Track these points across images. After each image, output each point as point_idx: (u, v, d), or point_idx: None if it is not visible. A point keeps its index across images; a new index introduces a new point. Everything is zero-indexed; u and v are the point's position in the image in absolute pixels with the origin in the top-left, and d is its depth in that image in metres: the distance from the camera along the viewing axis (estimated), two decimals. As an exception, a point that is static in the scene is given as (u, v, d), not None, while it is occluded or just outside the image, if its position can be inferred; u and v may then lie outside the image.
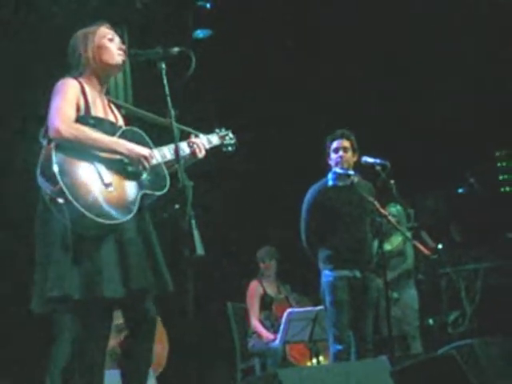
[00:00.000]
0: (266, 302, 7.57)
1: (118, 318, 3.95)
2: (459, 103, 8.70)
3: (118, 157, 3.79)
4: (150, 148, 3.93)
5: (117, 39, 4.04)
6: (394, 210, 7.27)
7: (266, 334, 7.29)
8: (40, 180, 3.62)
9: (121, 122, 4.06)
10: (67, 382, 5.51)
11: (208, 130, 4.39)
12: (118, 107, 4.16)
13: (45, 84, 3.99)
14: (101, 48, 3.97)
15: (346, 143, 6.08)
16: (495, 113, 8.68)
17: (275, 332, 7.16)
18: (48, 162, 3.58)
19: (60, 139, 3.63)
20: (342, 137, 6.10)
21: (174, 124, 3.70)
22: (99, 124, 3.83)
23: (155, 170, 3.90)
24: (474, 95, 8.69)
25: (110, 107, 4.06)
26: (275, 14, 8.10)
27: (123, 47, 4.03)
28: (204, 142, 4.21)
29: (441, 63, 8.58)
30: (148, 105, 4.45)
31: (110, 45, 3.99)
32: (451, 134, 8.72)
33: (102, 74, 3.99)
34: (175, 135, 3.71)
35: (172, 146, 3.89)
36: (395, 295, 7.45)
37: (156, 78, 3.79)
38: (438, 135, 8.77)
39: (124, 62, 4.01)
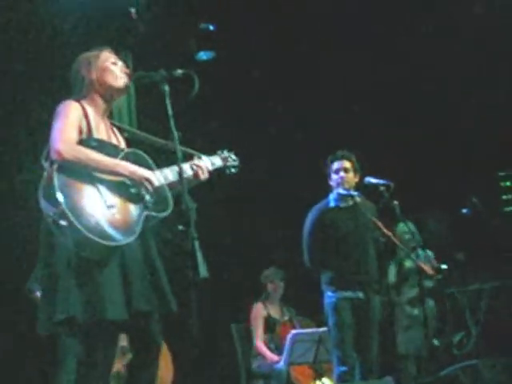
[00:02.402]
0: (270, 324, 7.55)
1: (123, 340, 3.95)
2: (462, 123, 8.71)
3: (120, 179, 3.80)
4: (153, 170, 3.94)
5: (120, 63, 4.06)
6: (410, 226, 7.24)
7: (271, 356, 7.27)
8: (42, 202, 3.62)
9: (123, 144, 4.07)
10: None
11: (211, 152, 4.40)
12: (121, 130, 4.17)
13: (46, 108, 4.01)
14: (104, 70, 3.98)
15: (347, 164, 6.09)
16: (498, 133, 8.69)
17: (279, 354, 7.14)
18: (50, 184, 3.58)
19: (62, 161, 3.64)
20: (342, 158, 6.11)
21: (177, 146, 3.71)
22: (102, 146, 3.83)
23: (158, 191, 3.90)
24: (477, 115, 8.70)
25: (113, 130, 4.07)
26: (279, 35, 8.13)
27: (127, 70, 4.05)
28: (207, 163, 4.22)
29: (444, 83, 8.60)
30: (152, 127, 4.47)
31: (114, 68, 4.01)
32: (454, 154, 8.73)
33: (105, 96, 4.00)
34: (179, 157, 3.72)
35: (174, 168, 3.90)
36: (415, 312, 7.45)
37: (160, 100, 3.80)
38: (441, 156, 8.78)
39: (127, 85, 4.03)
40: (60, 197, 3.53)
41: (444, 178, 8.73)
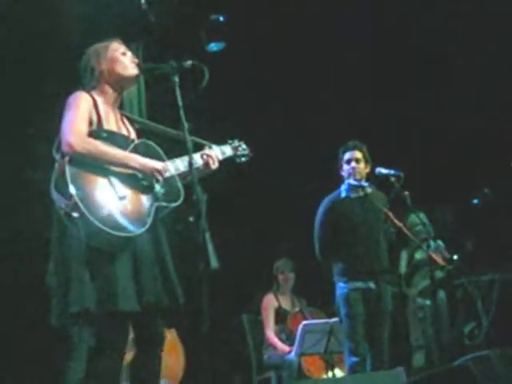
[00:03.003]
0: (280, 315, 7.56)
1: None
2: (475, 113, 8.68)
3: (131, 170, 3.81)
4: (163, 160, 3.95)
5: (129, 53, 4.07)
6: (422, 216, 7.23)
7: (282, 347, 7.28)
8: (54, 194, 3.64)
9: (133, 135, 4.08)
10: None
11: (221, 142, 4.40)
12: (131, 121, 4.18)
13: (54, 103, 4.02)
14: (114, 61, 3.99)
15: (359, 154, 6.09)
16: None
17: (291, 345, 7.15)
18: (62, 176, 3.60)
19: (73, 153, 3.65)
20: (354, 148, 6.10)
21: (188, 136, 3.71)
22: (112, 138, 3.85)
23: (169, 182, 3.92)
24: (489, 106, 8.66)
25: (123, 121, 4.08)
26: (288, 26, 8.12)
27: (136, 60, 4.05)
28: (217, 153, 4.23)
29: (456, 75, 8.58)
30: (162, 118, 4.47)
31: (123, 58, 4.02)
32: (466, 144, 8.71)
33: (115, 87, 4.01)
34: (189, 148, 3.72)
35: (185, 158, 3.90)
36: (427, 303, 7.46)
37: (170, 91, 3.80)
38: (452, 146, 8.76)
39: (137, 75, 4.03)
40: (72, 189, 3.55)
41: (455, 168, 8.70)
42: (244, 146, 4.49)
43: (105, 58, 3.99)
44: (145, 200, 3.80)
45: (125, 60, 4.02)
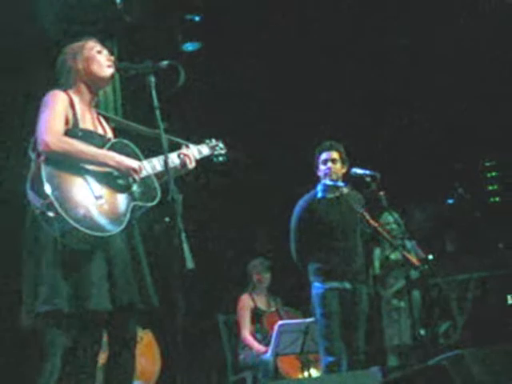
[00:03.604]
0: (256, 315, 7.54)
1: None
2: (448, 113, 8.73)
3: (107, 169, 3.79)
4: (140, 160, 3.94)
5: (105, 51, 4.06)
6: (395, 216, 7.25)
7: (258, 347, 7.27)
8: (29, 194, 3.61)
9: (110, 134, 4.06)
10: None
11: (198, 142, 4.39)
12: (107, 120, 4.16)
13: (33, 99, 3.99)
14: (90, 60, 3.98)
15: (335, 154, 6.09)
16: (484, 123, 8.71)
17: (266, 345, 7.14)
18: (37, 175, 3.58)
19: (49, 152, 3.63)
20: (330, 148, 6.11)
21: (163, 136, 3.70)
22: (88, 137, 3.83)
23: (145, 181, 3.91)
24: (464, 105, 8.71)
25: (99, 120, 4.07)
26: (264, 25, 8.12)
27: (112, 59, 4.04)
28: (194, 152, 4.22)
29: (430, 72, 8.61)
30: (137, 118, 4.46)
31: (99, 57, 4.00)
32: (440, 144, 8.75)
33: (91, 86, 4.00)
34: (164, 147, 3.71)
35: (162, 157, 3.89)
36: (402, 304, 7.48)
37: (145, 91, 3.79)
38: (426, 146, 8.80)
39: (113, 74, 4.02)
40: (48, 188, 3.53)
41: (429, 168, 8.74)
42: (221, 146, 4.49)
43: (81, 57, 3.97)
44: (121, 199, 3.79)
45: (100, 58, 4.00)
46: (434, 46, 8.34)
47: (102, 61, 4.00)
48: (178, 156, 4.11)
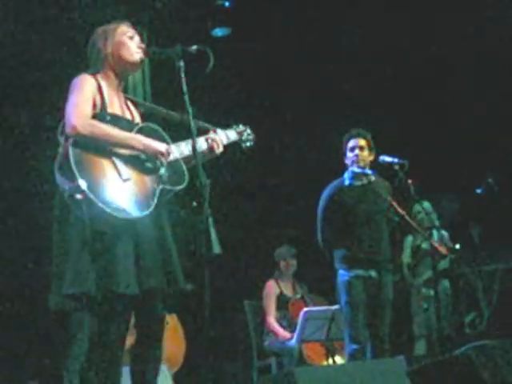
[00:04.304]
0: (282, 302, 7.56)
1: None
2: (481, 102, 8.66)
3: (135, 152, 3.80)
4: (168, 144, 3.94)
5: (136, 37, 4.05)
6: (426, 205, 7.21)
7: (283, 333, 7.29)
8: (58, 177, 3.63)
9: (138, 119, 4.07)
10: (85, 380, 5.53)
11: (226, 126, 4.39)
12: (135, 104, 4.17)
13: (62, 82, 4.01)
14: (120, 44, 3.98)
15: (363, 142, 6.07)
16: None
17: (292, 331, 7.16)
18: (66, 158, 3.59)
19: (77, 136, 3.64)
20: (358, 136, 6.09)
21: (192, 121, 3.70)
22: (116, 121, 3.83)
23: (173, 165, 3.91)
24: (498, 95, 8.63)
25: (127, 105, 4.07)
26: (295, 11, 8.10)
27: (142, 45, 4.04)
28: (222, 137, 4.22)
29: (464, 62, 8.55)
30: (166, 102, 4.46)
31: (130, 42, 4.00)
32: (470, 133, 8.68)
33: (119, 70, 4.00)
34: (192, 132, 3.71)
35: (190, 142, 3.90)
36: (431, 293, 7.47)
37: (174, 76, 3.79)
38: (456, 135, 8.74)
39: (142, 60, 4.02)
40: (76, 171, 3.54)
41: (460, 157, 8.68)
42: (249, 131, 4.48)
43: (111, 41, 3.97)
44: (149, 182, 3.80)
45: (131, 44, 4.00)
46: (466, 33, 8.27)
47: (132, 47, 3.99)
48: (206, 141, 4.10)
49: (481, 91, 8.58)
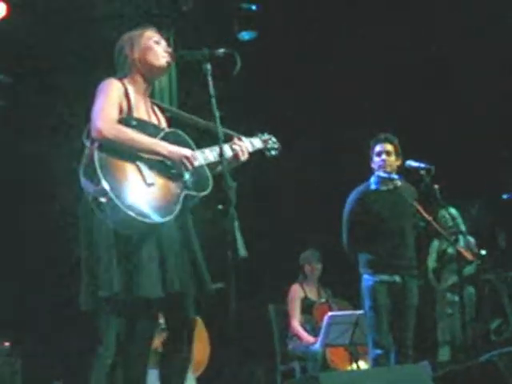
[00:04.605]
0: (306, 306, 7.56)
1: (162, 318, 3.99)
2: (506, 109, 8.61)
3: (160, 158, 3.82)
4: (193, 150, 3.94)
5: (163, 42, 4.07)
6: (452, 210, 7.19)
7: (307, 337, 7.29)
8: (83, 180, 3.65)
9: (164, 124, 4.08)
10: (111, 380, 5.55)
11: (251, 134, 4.39)
12: (162, 110, 4.18)
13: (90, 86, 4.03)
14: (147, 49, 3.99)
15: (389, 147, 6.06)
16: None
17: (316, 336, 7.15)
18: (91, 161, 3.61)
19: (102, 139, 3.66)
20: (385, 140, 6.08)
21: (219, 125, 3.71)
22: (142, 126, 3.85)
23: (198, 171, 3.91)
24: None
25: (153, 110, 4.09)
26: (320, 16, 8.10)
27: (169, 50, 4.05)
28: (247, 145, 4.20)
29: (488, 73, 8.50)
30: (194, 108, 4.47)
31: (156, 47, 4.02)
32: (496, 139, 8.64)
33: (146, 75, 4.02)
34: (219, 136, 3.71)
35: (214, 148, 3.92)
36: (456, 299, 7.44)
37: (202, 80, 3.80)
38: (482, 141, 8.70)
39: (169, 64, 4.03)
40: (100, 174, 3.56)
41: (486, 163, 8.64)
42: (274, 140, 4.45)
43: (138, 47, 3.99)
44: (173, 188, 3.80)
45: (158, 49, 4.02)
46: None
47: (158, 51, 4.01)
48: (231, 148, 4.10)
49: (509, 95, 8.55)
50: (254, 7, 7.80)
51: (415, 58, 8.48)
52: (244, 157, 4.12)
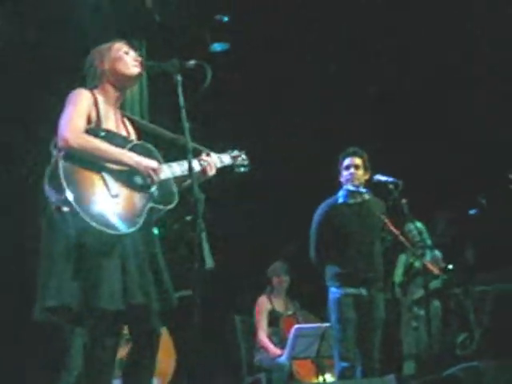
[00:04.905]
0: (273, 318, 7.56)
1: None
2: (474, 122, 8.69)
3: (126, 169, 3.81)
4: (159, 163, 3.94)
5: (132, 52, 4.08)
6: (419, 225, 7.23)
7: (273, 350, 7.28)
8: (47, 188, 3.64)
9: (133, 136, 4.07)
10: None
11: (220, 150, 4.39)
12: (132, 121, 4.18)
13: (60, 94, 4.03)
14: (116, 60, 4.00)
15: (358, 161, 6.09)
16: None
17: (282, 348, 7.15)
18: (55, 170, 3.60)
19: (68, 149, 3.65)
20: (353, 154, 6.11)
21: (188, 136, 3.71)
22: (110, 137, 3.84)
23: (164, 185, 3.91)
24: (490, 115, 8.66)
25: (123, 122, 4.09)
26: (292, 27, 8.13)
27: (139, 59, 4.06)
28: (215, 160, 4.21)
29: (455, 82, 8.58)
30: (163, 119, 4.47)
31: (126, 57, 4.03)
32: (465, 154, 8.71)
33: (117, 85, 4.02)
34: (188, 147, 3.72)
35: (182, 163, 3.95)
36: (422, 313, 7.47)
37: (172, 90, 3.81)
38: (452, 155, 8.76)
39: (140, 73, 4.04)
40: (64, 183, 3.55)
41: (453, 178, 8.71)
42: (244, 157, 4.45)
43: (108, 58, 4.00)
44: (138, 199, 3.79)
45: (127, 58, 4.03)
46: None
47: (128, 60, 4.02)
48: (199, 162, 4.11)
49: (474, 112, 8.62)
50: (225, 18, 7.82)
51: (382, 72, 8.53)
52: (212, 172, 4.13)
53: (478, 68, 8.42)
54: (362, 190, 6.07)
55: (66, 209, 3.54)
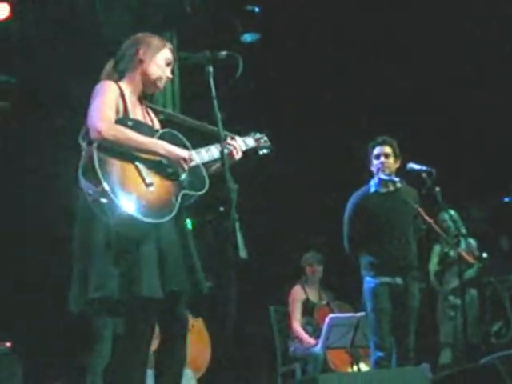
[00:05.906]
0: (307, 308, 7.56)
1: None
2: (508, 112, 8.62)
3: (158, 157, 3.83)
4: (189, 150, 3.95)
5: (171, 67, 4.08)
6: (453, 213, 7.18)
7: (308, 339, 7.28)
8: (82, 181, 3.65)
9: (157, 126, 4.08)
10: (108, 381, 5.56)
11: (244, 134, 4.40)
12: (156, 112, 4.19)
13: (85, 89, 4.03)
14: (156, 65, 3.99)
15: (388, 149, 6.06)
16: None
17: (317, 337, 7.15)
18: (90, 162, 3.61)
19: (101, 140, 3.65)
20: (383, 143, 6.08)
21: (221, 127, 3.72)
22: (138, 126, 3.84)
23: (194, 171, 3.92)
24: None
25: (148, 112, 4.10)
26: (323, 17, 8.11)
27: (171, 77, 4.08)
28: (240, 143, 4.22)
29: (489, 72, 8.51)
30: (195, 108, 4.48)
31: (166, 68, 4.02)
32: (498, 142, 8.64)
33: (143, 82, 4.02)
34: (221, 136, 3.73)
35: (209, 148, 3.96)
36: (459, 302, 7.44)
37: (203, 81, 3.81)
38: (484, 144, 8.70)
39: (160, 89, 4.07)
40: (100, 175, 3.56)
41: (488, 166, 8.64)
42: (266, 139, 4.48)
43: (151, 56, 3.97)
44: (171, 187, 3.81)
45: (165, 70, 4.02)
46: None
47: (163, 75, 4.02)
48: (225, 147, 4.11)
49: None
50: (256, 9, 7.81)
51: (417, 59, 8.48)
52: (238, 155, 4.13)
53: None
54: (395, 178, 6.03)
55: (104, 200, 3.55)
